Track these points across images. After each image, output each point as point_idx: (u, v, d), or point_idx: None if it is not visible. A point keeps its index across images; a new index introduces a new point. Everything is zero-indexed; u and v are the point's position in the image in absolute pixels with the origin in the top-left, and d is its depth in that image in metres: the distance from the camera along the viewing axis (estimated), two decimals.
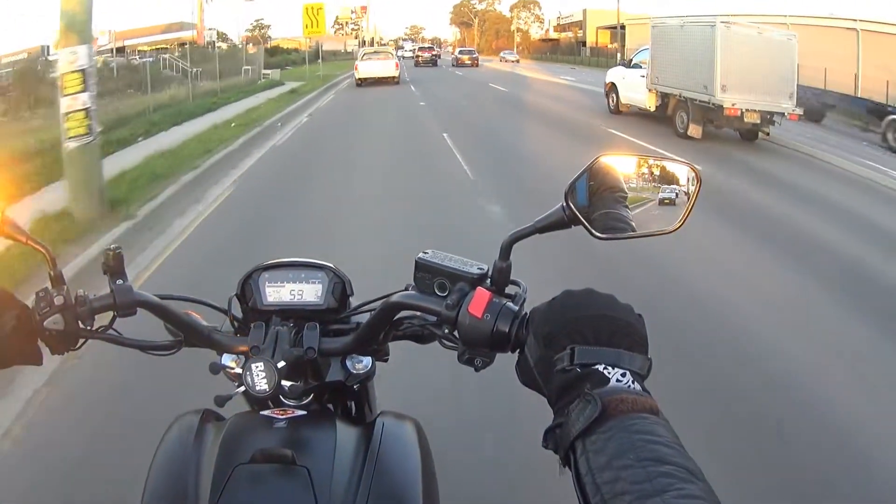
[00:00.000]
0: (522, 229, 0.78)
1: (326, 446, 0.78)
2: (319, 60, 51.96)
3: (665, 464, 0.51)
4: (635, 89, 13.33)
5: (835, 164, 10.08)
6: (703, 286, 4.31)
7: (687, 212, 0.80)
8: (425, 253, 0.82)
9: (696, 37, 11.33)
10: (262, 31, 76.75)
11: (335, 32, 77.77)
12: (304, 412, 0.85)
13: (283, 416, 0.83)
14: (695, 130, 11.08)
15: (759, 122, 10.76)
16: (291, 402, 0.89)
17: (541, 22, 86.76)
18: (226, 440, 0.78)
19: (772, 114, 10.80)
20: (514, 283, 0.78)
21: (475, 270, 0.79)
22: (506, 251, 0.77)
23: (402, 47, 60.42)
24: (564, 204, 0.76)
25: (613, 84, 14.49)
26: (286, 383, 0.83)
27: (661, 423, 0.56)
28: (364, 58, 24.24)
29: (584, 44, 58.44)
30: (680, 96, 11.55)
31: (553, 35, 72.41)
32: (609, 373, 0.60)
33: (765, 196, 7.33)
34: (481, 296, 0.74)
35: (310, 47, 66.98)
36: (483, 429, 2.55)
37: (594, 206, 0.78)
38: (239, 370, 0.85)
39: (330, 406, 0.97)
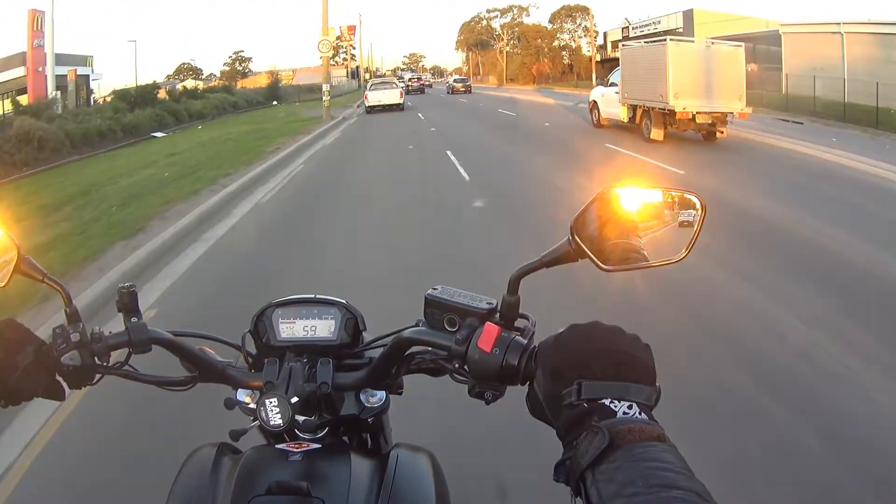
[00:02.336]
0: (529, 264, 0.78)
1: (341, 479, 0.79)
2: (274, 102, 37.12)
3: (674, 489, 0.52)
4: (612, 104, 15.09)
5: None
6: None
7: (693, 240, 0.80)
8: (435, 289, 0.83)
9: (652, 54, 13.10)
10: (243, 64, 68.90)
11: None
12: (318, 445, 0.87)
13: (299, 450, 0.84)
14: (657, 134, 12.77)
15: (711, 122, 12.34)
16: (307, 436, 0.90)
17: (592, 36, 60.76)
18: (242, 473, 0.79)
19: (723, 114, 12.37)
20: (524, 316, 0.79)
21: (484, 305, 0.80)
22: (514, 286, 0.78)
23: (402, 77, 59.98)
24: (570, 237, 0.76)
25: (595, 102, 16.29)
26: (300, 418, 0.86)
27: (669, 449, 0.58)
28: (372, 88, 27.44)
29: None
30: (644, 106, 13.27)
31: (614, 53, 49.90)
32: (616, 406, 0.62)
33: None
34: (490, 330, 0.75)
35: (289, 80, 48.76)
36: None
37: (601, 237, 0.77)
38: (253, 405, 0.85)
39: (345, 439, 0.98)
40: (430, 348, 0.84)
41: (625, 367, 0.65)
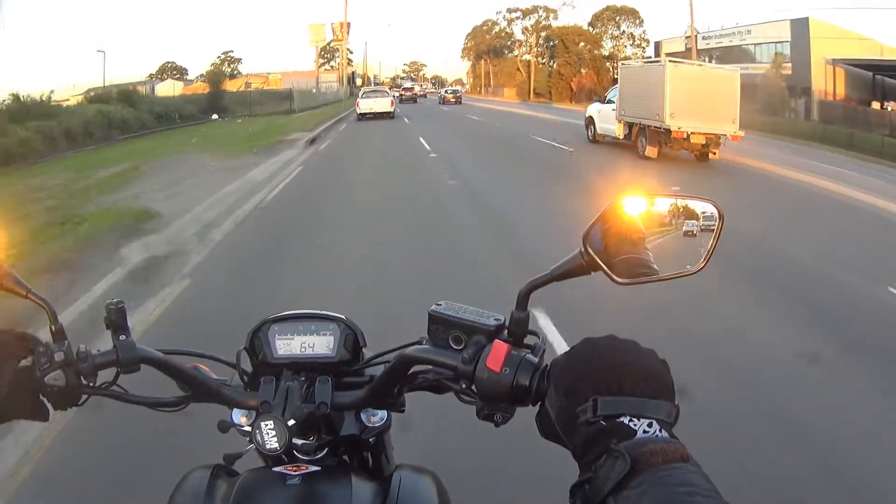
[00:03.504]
0: (539, 278, 0.76)
1: (342, 503, 0.76)
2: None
3: None
4: (608, 121, 15.39)
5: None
6: None
7: (711, 250, 0.77)
8: (439, 305, 0.80)
9: (651, 74, 13.41)
10: (232, 65, 62.23)
11: (319, 67, 59.47)
12: (318, 468, 0.84)
13: (297, 473, 0.81)
14: (651, 151, 13.08)
15: (705, 143, 12.65)
16: (305, 457, 0.87)
17: (641, 45, 50.87)
18: (237, 498, 0.76)
19: (717, 136, 12.68)
20: (532, 333, 0.76)
21: (491, 322, 0.76)
22: (523, 301, 0.75)
23: (400, 85, 57.80)
24: (582, 250, 0.74)
25: (591, 117, 16.63)
26: (298, 440, 0.83)
27: (693, 470, 0.55)
28: (364, 96, 27.74)
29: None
30: (640, 124, 13.57)
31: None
32: (635, 424, 0.59)
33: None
34: (499, 349, 0.72)
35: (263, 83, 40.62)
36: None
37: (614, 249, 0.75)
38: (249, 428, 0.83)
39: (346, 458, 0.94)
40: (434, 367, 0.80)
41: (642, 382, 0.63)
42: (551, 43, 56.27)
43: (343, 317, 0.92)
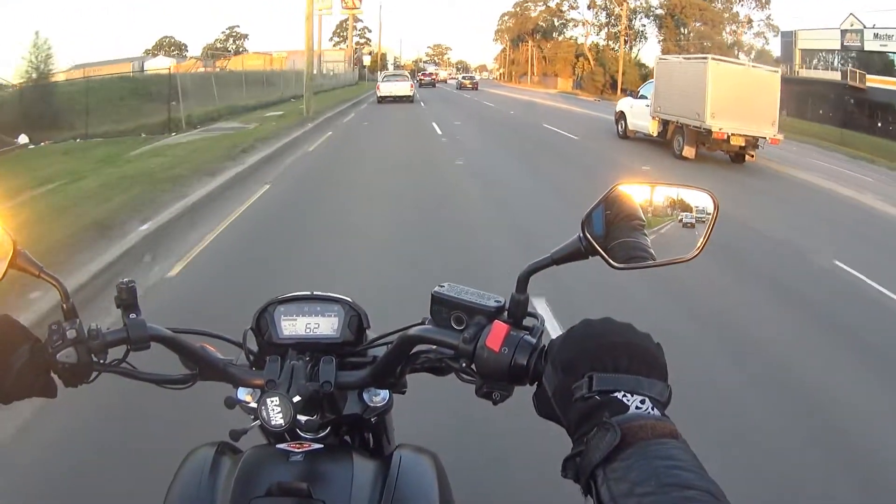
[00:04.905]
0: (539, 261, 0.78)
1: (343, 480, 0.78)
2: None
3: (687, 488, 0.52)
4: (641, 117, 15.12)
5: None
6: None
7: (705, 238, 0.79)
8: (441, 286, 0.83)
9: (691, 71, 13.14)
10: (237, 42, 59.60)
11: (334, 45, 57.50)
12: (320, 445, 0.86)
13: (300, 450, 0.84)
14: (689, 152, 12.83)
15: (744, 145, 12.45)
16: (308, 436, 0.89)
17: (763, 34, 41.37)
18: (241, 474, 0.78)
19: (756, 138, 12.48)
20: (532, 315, 0.78)
21: (492, 303, 0.79)
22: (523, 284, 0.78)
23: (422, 70, 61.06)
24: (581, 234, 0.76)
25: (622, 112, 16.33)
26: (302, 418, 0.85)
27: (682, 447, 0.57)
28: (384, 79, 29.54)
29: None
30: (677, 122, 13.34)
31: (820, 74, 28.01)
32: (628, 400, 0.61)
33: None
34: (499, 329, 0.74)
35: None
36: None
37: (612, 235, 0.77)
38: (254, 404, 0.84)
39: (347, 439, 0.97)
40: (436, 347, 0.83)
41: (637, 361, 0.65)
42: (651, 19, 42.87)
43: (348, 299, 0.95)
